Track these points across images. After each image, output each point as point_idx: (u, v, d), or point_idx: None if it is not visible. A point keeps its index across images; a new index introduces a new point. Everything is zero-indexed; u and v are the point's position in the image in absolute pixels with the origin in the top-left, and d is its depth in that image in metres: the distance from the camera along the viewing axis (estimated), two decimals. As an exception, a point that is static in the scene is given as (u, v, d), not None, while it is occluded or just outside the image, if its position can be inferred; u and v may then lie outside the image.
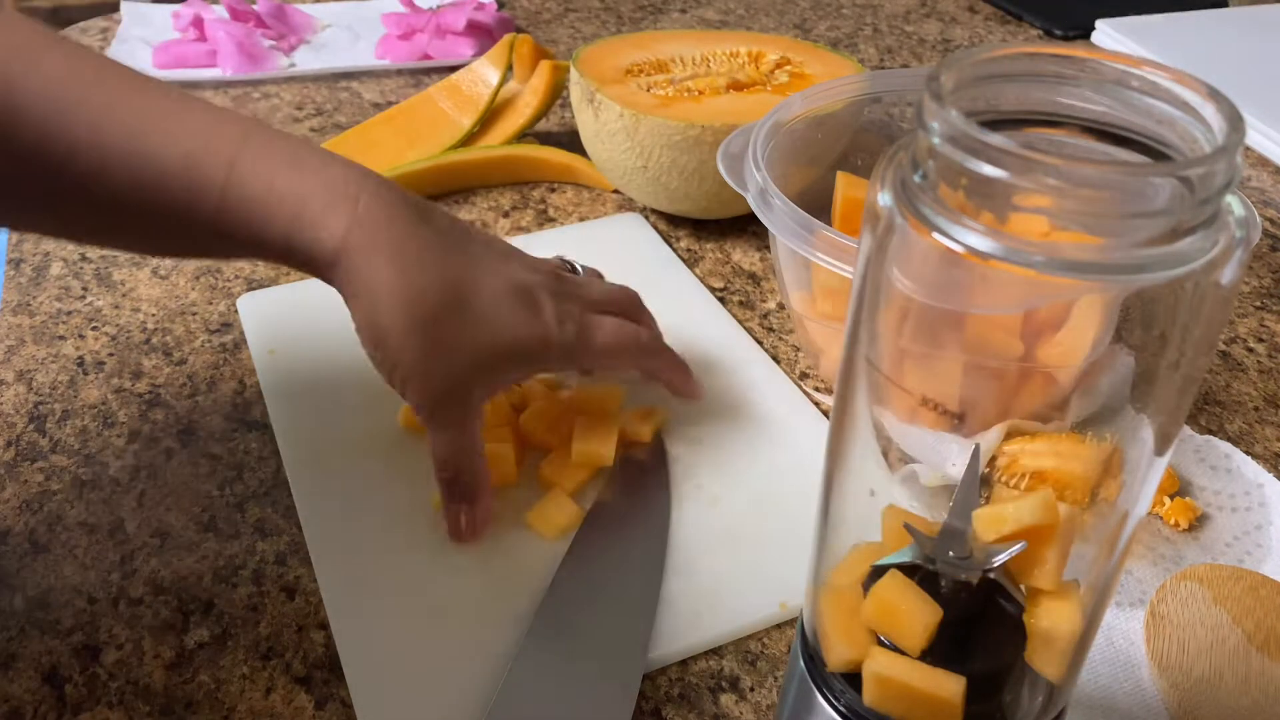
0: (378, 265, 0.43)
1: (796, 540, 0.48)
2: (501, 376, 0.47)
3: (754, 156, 0.53)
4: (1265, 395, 0.59)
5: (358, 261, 0.43)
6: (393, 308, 0.43)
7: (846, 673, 0.31)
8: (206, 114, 0.43)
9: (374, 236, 0.43)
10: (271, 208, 0.42)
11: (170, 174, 0.41)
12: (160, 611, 0.45)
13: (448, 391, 0.45)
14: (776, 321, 0.64)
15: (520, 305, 0.45)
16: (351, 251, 0.43)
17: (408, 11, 0.97)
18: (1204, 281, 0.24)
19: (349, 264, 0.43)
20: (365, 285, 0.43)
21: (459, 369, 0.44)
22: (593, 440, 0.50)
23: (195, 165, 0.41)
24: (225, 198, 0.42)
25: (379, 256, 0.43)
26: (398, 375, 0.45)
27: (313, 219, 0.42)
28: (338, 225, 0.43)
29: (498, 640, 0.43)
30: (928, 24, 1.08)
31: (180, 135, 0.42)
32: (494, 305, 0.45)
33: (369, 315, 0.44)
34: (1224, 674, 0.41)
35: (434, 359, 0.44)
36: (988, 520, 0.29)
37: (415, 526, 0.48)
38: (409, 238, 0.44)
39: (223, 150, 0.42)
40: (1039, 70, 0.26)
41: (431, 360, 0.44)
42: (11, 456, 0.52)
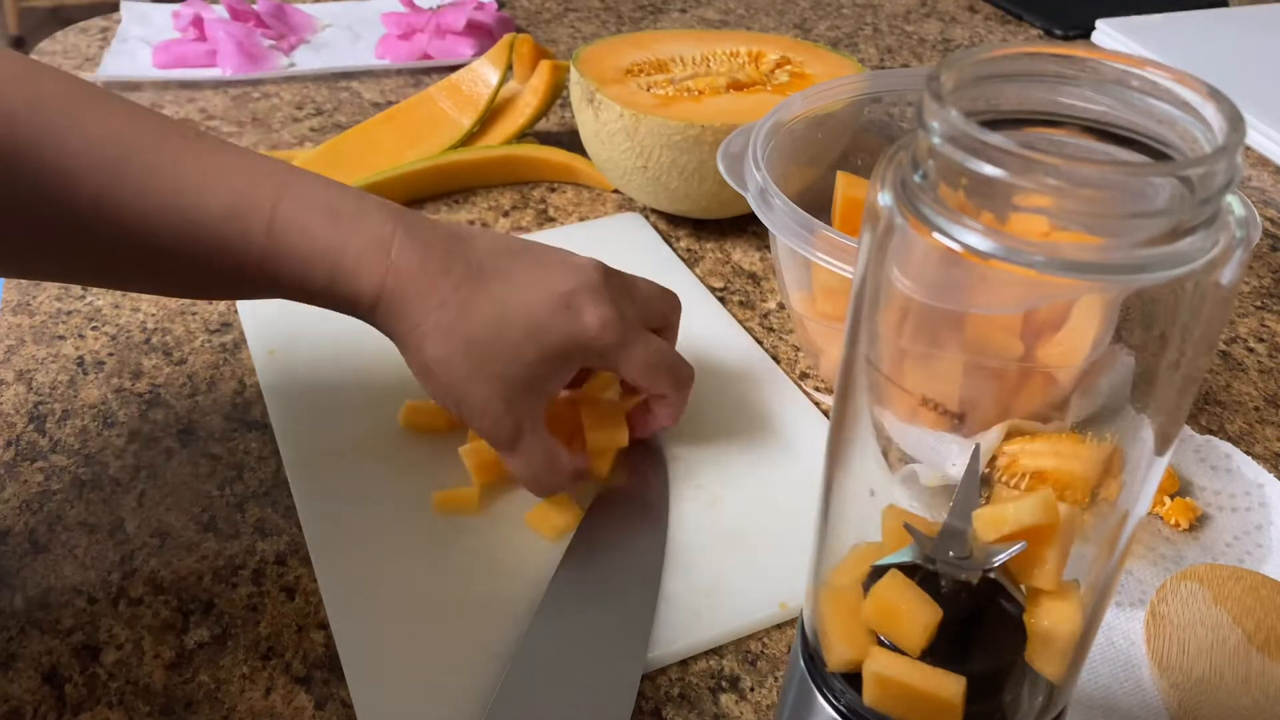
0: (415, 311, 0.44)
1: (796, 540, 0.48)
2: (554, 384, 0.47)
3: (754, 156, 0.53)
4: (1265, 395, 0.59)
5: (396, 307, 0.45)
6: (436, 347, 0.45)
7: (846, 673, 0.31)
8: (245, 164, 0.44)
9: (410, 282, 0.44)
10: (312, 260, 0.44)
11: (213, 228, 0.43)
12: (160, 611, 0.45)
13: (505, 413, 0.46)
14: (776, 321, 0.64)
15: (559, 311, 0.46)
16: (388, 299, 0.45)
17: (408, 11, 0.97)
18: (1204, 281, 0.24)
19: (390, 308, 0.45)
20: (408, 330, 0.45)
21: (509, 389, 0.45)
22: (606, 426, 0.50)
23: (238, 218, 0.43)
24: (266, 250, 0.43)
25: (415, 302, 0.44)
26: (460, 408, 0.46)
27: (350, 270, 0.44)
28: (373, 275, 0.44)
29: (498, 640, 0.43)
30: (928, 24, 1.08)
31: (221, 189, 0.43)
32: (535, 320, 0.45)
33: (416, 358, 0.46)
34: (1224, 674, 0.41)
35: (483, 384, 0.45)
36: (988, 520, 0.29)
37: (415, 526, 0.48)
38: (443, 276, 0.45)
39: (263, 203, 0.43)
40: (1039, 70, 0.26)
41: (481, 385, 0.45)
42: (11, 456, 0.52)
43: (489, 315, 0.45)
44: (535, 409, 0.46)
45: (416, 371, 0.46)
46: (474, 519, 0.49)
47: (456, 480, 0.50)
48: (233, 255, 0.43)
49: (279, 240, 0.43)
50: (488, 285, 0.46)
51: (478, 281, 0.46)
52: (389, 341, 0.50)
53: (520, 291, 0.46)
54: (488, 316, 0.45)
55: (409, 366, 0.46)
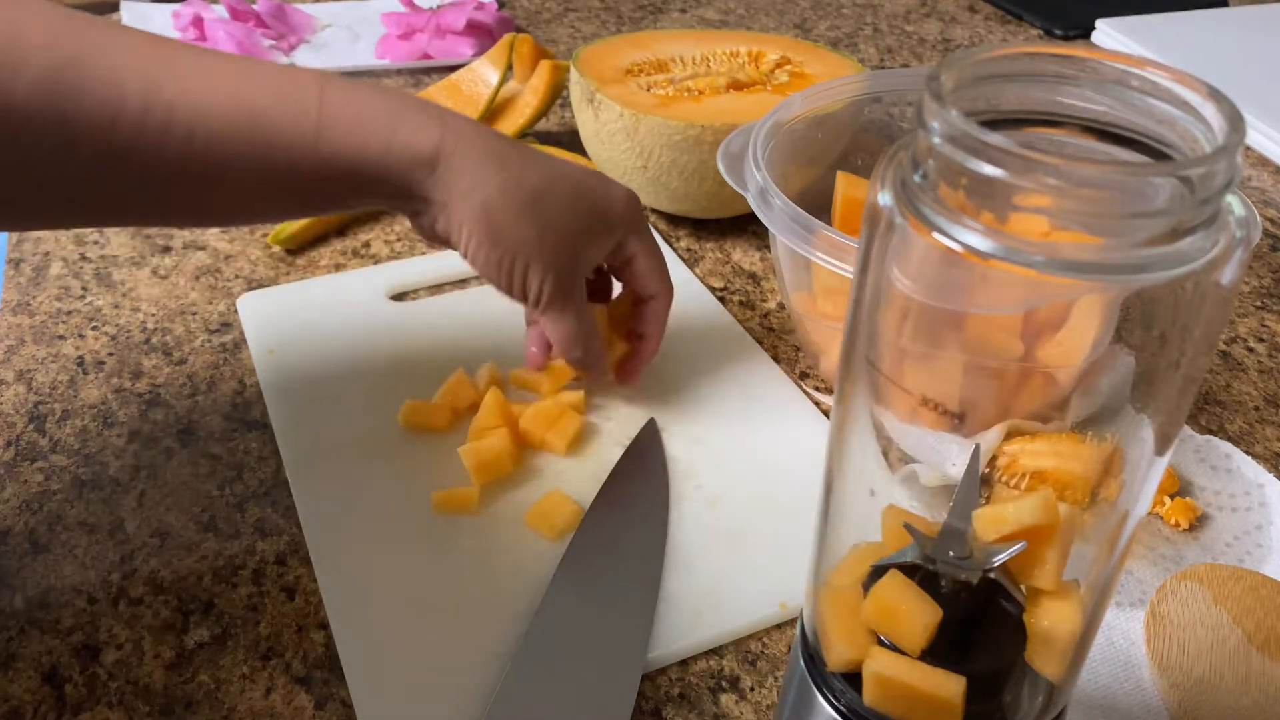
0: (478, 163, 0.46)
1: (796, 540, 0.48)
2: (599, 247, 0.50)
3: (754, 156, 0.53)
4: (1265, 395, 0.59)
5: (459, 160, 0.46)
6: (504, 196, 0.46)
7: (846, 673, 0.31)
8: (281, 66, 0.46)
9: (469, 140, 0.46)
10: (367, 128, 0.45)
11: (266, 111, 0.43)
12: (160, 611, 0.45)
13: (565, 267, 0.49)
14: (776, 321, 0.64)
15: (601, 181, 0.51)
16: (450, 154, 0.46)
17: (408, 11, 0.97)
18: (1204, 281, 0.24)
19: (450, 163, 0.46)
20: (471, 182, 0.46)
21: (568, 243, 0.48)
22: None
23: (287, 99, 0.44)
24: (321, 127, 0.44)
25: (478, 153, 0.46)
26: (519, 263, 0.48)
27: (408, 129, 0.45)
28: (433, 131, 0.46)
29: (498, 640, 0.43)
30: (928, 24, 1.08)
31: (266, 78, 0.44)
32: (581, 185, 0.49)
33: (481, 209, 0.46)
34: (1224, 674, 0.41)
35: (548, 236, 0.48)
36: (988, 520, 0.29)
37: (415, 526, 0.48)
38: (496, 139, 0.48)
39: (309, 89, 0.44)
40: (1039, 70, 0.26)
41: (546, 238, 0.48)
42: (11, 456, 0.52)
43: (545, 176, 0.48)
44: (582, 273, 0.50)
45: (479, 232, 0.47)
46: (474, 519, 0.49)
47: (456, 480, 0.50)
48: (287, 134, 0.43)
49: (333, 111, 0.44)
50: (534, 155, 0.49)
51: (524, 151, 0.49)
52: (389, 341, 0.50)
53: (565, 163, 0.50)
54: (544, 177, 0.48)
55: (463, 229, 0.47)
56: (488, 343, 0.59)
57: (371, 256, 0.68)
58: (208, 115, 0.42)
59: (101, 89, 0.40)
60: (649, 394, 0.56)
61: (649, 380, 0.57)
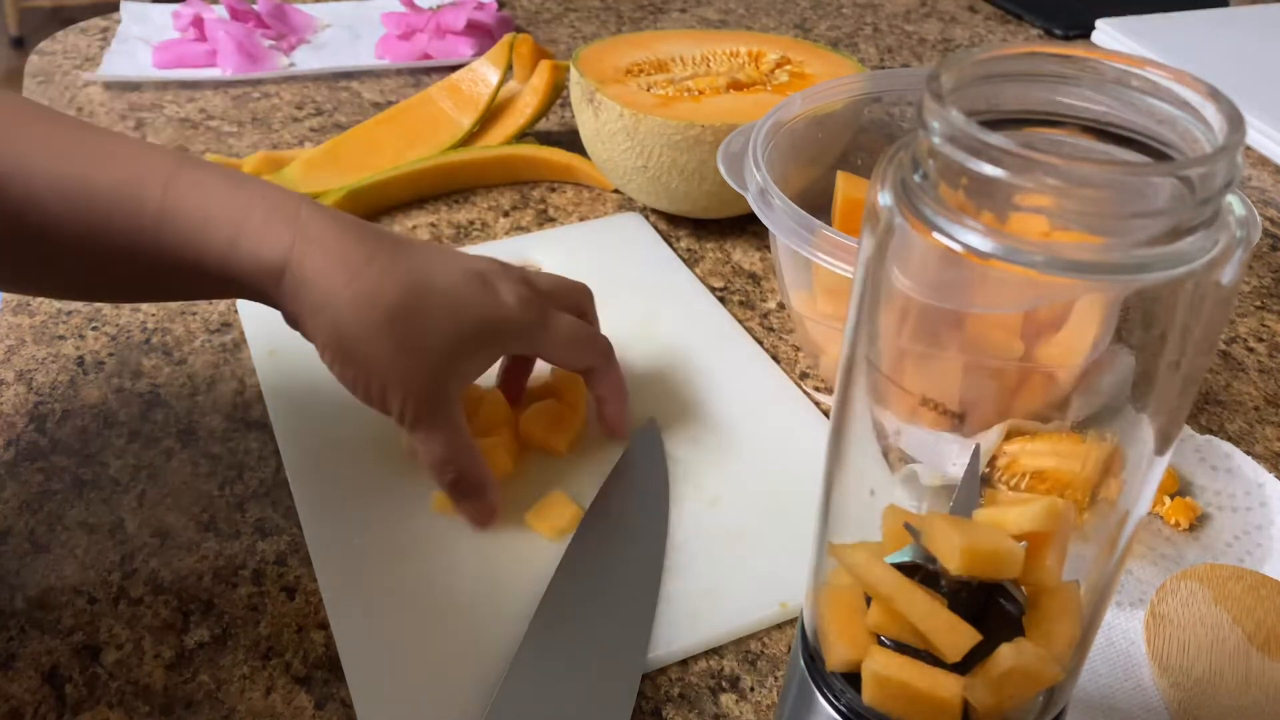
0: (329, 273, 0.42)
1: (796, 540, 0.47)
2: (472, 363, 0.46)
3: (754, 156, 0.53)
4: (1265, 395, 0.59)
5: (307, 273, 0.42)
6: (355, 312, 0.42)
7: (846, 672, 0.31)
8: (139, 145, 0.43)
9: (320, 246, 0.42)
10: (210, 227, 0.42)
11: (104, 200, 0.41)
12: (160, 611, 0.45)
13: (427, 389, 0.44)
14: (776, 321, 0.64)
15: (478, 288, 0.45)
16: (299, 264, 0.42)
17: (408, 11, 0.97)
18: (1204, 281, 0.24)
19: (298, 276, 0.42)
20: (321, 296, 0.42)
21: (433, 362, 0.44)
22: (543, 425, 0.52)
23: (129, 188, 0.41)
24: (161, 221, 0.41)
25: (329, 265, 0.42)
26: (375, 384, 0.44)
27: (254, 233, 0.42)
28: (281, 238, 0.42)
29: (498, 640, 0.43)
30: (928, 24, 1.08)
31: (113, 164, 0.41)
32: (452, 293, 0.44)
33: (330, 327, 0.43)
34: (1224, 674, 0.41)
35: (405, 357, 0.43)
36: (989, 522, 0.29)
37: (415, 526, 0.48)
38: (356, 243, 0.43)
39: (157, 175, 0.42)
40: (1039, 70, 0.26)
41: (403, 359, 0.43)
42: (11, 456, 0.52)
43: (409, 286, 0.43)
44: (453, 390, 0.45)
45: (330, 350, 0.43)
46: (474, 519, 0.49)
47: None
48: (124, 223, 0.41)
49: (175, 202, 0.41)
50: (403, 257, 0.44)
51: (393, 253, 0.44)
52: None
53: (437, 264, 0.45)
54: (410, 288, 0.43)
55: (317, 344, 0.44)
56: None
57: (371, 256, 0.68)
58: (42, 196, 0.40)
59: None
60: (649, 394, 0.56)
61: (649, 380, 0.57)
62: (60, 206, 0.40)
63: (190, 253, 0.42)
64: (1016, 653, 0.28)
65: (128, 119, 0.84)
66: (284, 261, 0.42)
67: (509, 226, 0.72)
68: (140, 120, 0.84)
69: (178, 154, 0.43)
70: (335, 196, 0.70)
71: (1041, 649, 0.28)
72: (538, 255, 0.67)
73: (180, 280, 0.44)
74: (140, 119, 0.84)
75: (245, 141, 0.82)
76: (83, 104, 0.86)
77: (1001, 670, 0.28)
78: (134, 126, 0.83)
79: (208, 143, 0.81)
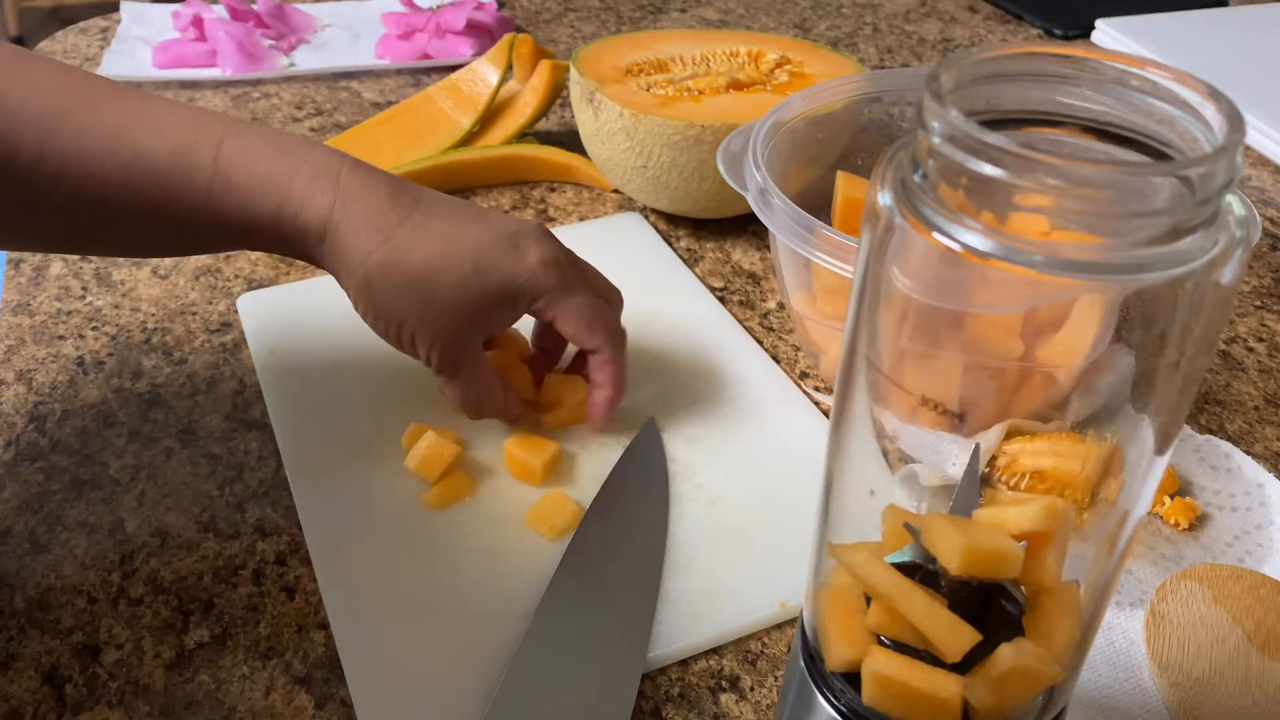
0: (364, 234, 0.45)
1: (796, 540, 0.48)
2: (493, 319, 0.49)
3: (754, 156, 0.53)
4: (1265, 395, 0.59)
5: (345, 235, 0.45)
6: (384, 272, 0.46)
7: (846, 672, 0.31)
8: (189, 112, 0.45)
9: (359, 206, 0.46)
10: (259, 190, 0.44)
11: (159, 166, 0.43)
12: (160, 611, 0.45)
13: (450, 340, 0.48)
14: (776, 321, 0.64)
15: (506, 249, 0.48)
16: (337, 226, 0.45)
17: (408, 11, 0.97)
18: (1204, 281, 0.24)
19: (337, 237, 0.46)
20: (356, 256, 0.46)
21: (455, 318, 0.47)
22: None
23: (182, 155, 0.44)
24: (214, 185, 0.44)
25: (365, 227, 0.46)
26: (405, 334, 0.47)
27: (299, 197, 0.45)
28: (322, 201, 0.45)
29: (498, 640, 0.43)
30: (928, 23, 1.08)
31: (166, 130, 0.44)
32: (478, 254, 0.47)
33: (364, 284, 0.46)
34: (1224, 674, 0.41)
35: (430, 312, 0.47)
36: (989, 522, 0.29)
37: (415, 527, 0.48)
38: (391, 206, 0.46)
39: (208, 141, 0.44)
40: (1039, 70, 0.26)
41: (428, 314, 0.47)
42: (11, 456, 0.52)
43: (436, 248, 0.46)
44: (475, 341, 0.49)
45: (362, 303, 0.47)
46: (474, 519, 0.49)
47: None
48: (179, 192, 0.43)
49: (226, 171, 0.44)
50: (434, 220, 0.47)
51: (425, 215, 0.47)
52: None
53: (467, 227, 0.48)
54: (435, 249, 0.46)
55: (351, 297, 0.48)
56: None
57: (371, 256, 0.68)
58: (100, 168, 0.42)
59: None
60: (649, 394, 0.56)
61: (649, 380, 0.57)
62: (118, 177, 0.43)
63: (241, 216, 0.45)
64: (1016, 653, 0.28)
65: (128, 119, 0.84)
66: (325, 224, 0.45)
67: (509, 226, 0.72)
68: (140, 120, 0.84)
69: (225, 118, 0.46)
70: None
71: (1041, 649, 0.28)
72: (538, 255, 0.67)
73: (230, 241, 0.47)
74: (140, 119, 0.84)
75: (245, 141, 0.82)
76: (83, 104, 0.86)
77: (1001, 670, 0.28)
78: (134, 126, 0.83)
79: (208, 143, 0.81)
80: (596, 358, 0.52)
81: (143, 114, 0.44)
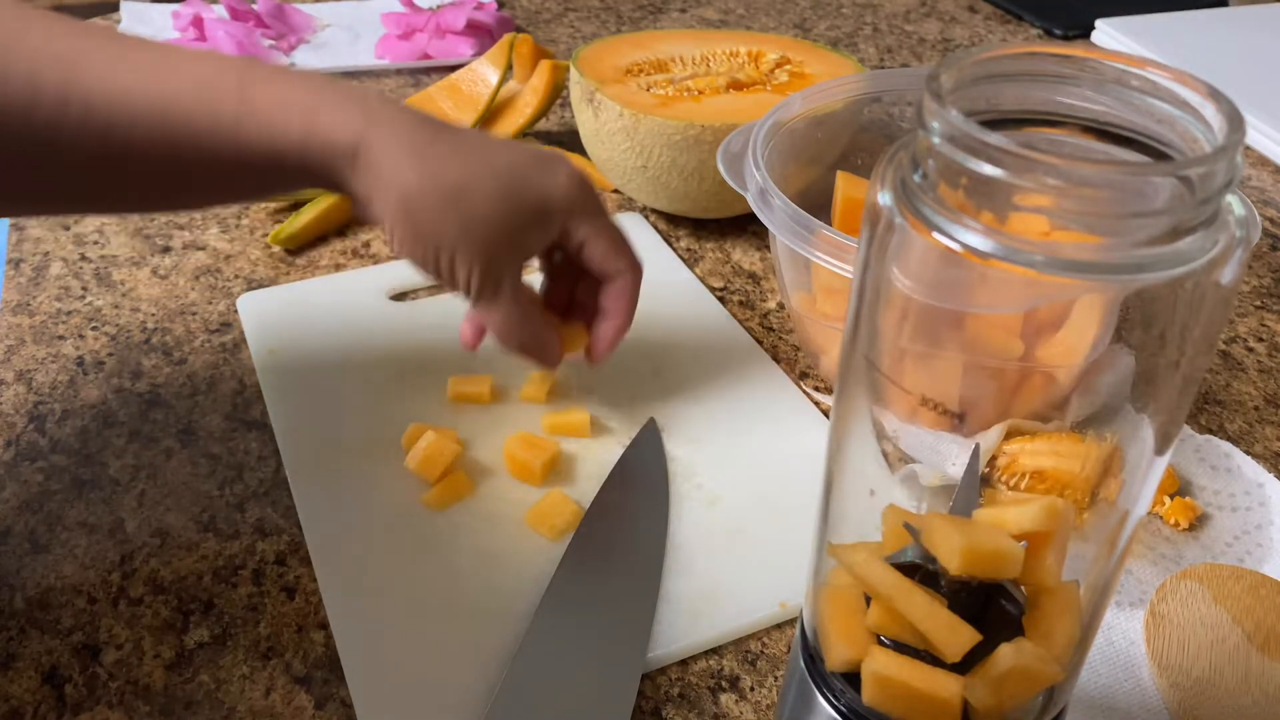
0: (399, 153, 0.44)
1: (796, 540, 0.48)
2: (535, 236, 0.48)
3: (754, 156, 0.53)
4: (1265, 395, 0.59)
5: (377, 154, 0.44)
6: (422, 191, 0.44)
7: (846, 672, 0.31)
8: (209, 53, 0.45)
9: (390, 128, 0.45)
10: (287, 114, 0.44)
11: (185, 99, 0.43)
12: (160, 611, 0.45)
13: (490, 262, 0.46)
14: (776, 321, 0.64)
15: (539, 167, 0.47)
16: (371, 144, 0.44)
17: (407, 11, 0.97)
18: (1204, 281, 0.24)
19: (370, 157, 0.44)
20: (392, 173, 0.44)
21: (494, 236, 0.46)
22: None
23: (208, 87, 0.43)
24: (240, 113, 0.43)
25: (398, 145, 0.44)
26: (444, 255, 0.46)
27: (328, 119, 0.44)
28: (353, 121, 0.44)
29: (498, 640, 0.43)
30: (928, 23, 1.08)
31: (190, 67, 0.44)
32: (512, 171, 0.46)
33: (399, 203, 0.45)
34: (1224, 673, 0.41)
35: (469, 231, 0.45)
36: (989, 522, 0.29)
37: (415, 526, 0.48)
38: (422, 125, 0.46)
39: (231, 74, 0.44)
40: (1039, 70, 0.26)
41: (471, 230, 0.45)
42: (11, 456, 0.52)
43: (473, 164, 0.46)
44: (516, 262, 0.48)
45: (400, 227, 0.46)
46: (474, 519, 0.49)
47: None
48: (204, 124, 0.43)
49: (251, 100, 0.43)
50: (467, 140, 0.47)
51: (456, 135, 0.46)
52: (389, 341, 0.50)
53: (498, 149, 0.47)
54: (472, 165, 0.45)
55: (385, 223, 0.46)
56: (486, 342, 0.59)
57: (371, 256, 0.68)
58: (127, 104, 0.42)
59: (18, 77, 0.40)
60: (649, 394, 0.56)
61: (649, 380, 0.57)
62: (146, 117, 0.42)
63: (269, 143, 0.44)
64: (1016, 653, 0.28)
65: (128, 119, 0.84)
66: (356, 144, 0.44)
67: (509, 226, 0.72)
68: (140, 120, 0.84)
69: (246, 57, 0.46)
70: (335, 197, 0.70)
71: (1041, 649, 0.28)
72: (538, 255, 0.67)
73: (258, 176, 0.46)
74: (140, 119, 0.84)
75: (245, 141, 0.82)
76: (83, 104, 0.86)
77: (1001, 670, 0.28)
78: (134, 126, 0.83)
79: (208, 143, 0.81)
80: (616, 283, 0.51)
81: (168, 54, 0.44)
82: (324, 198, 0.70)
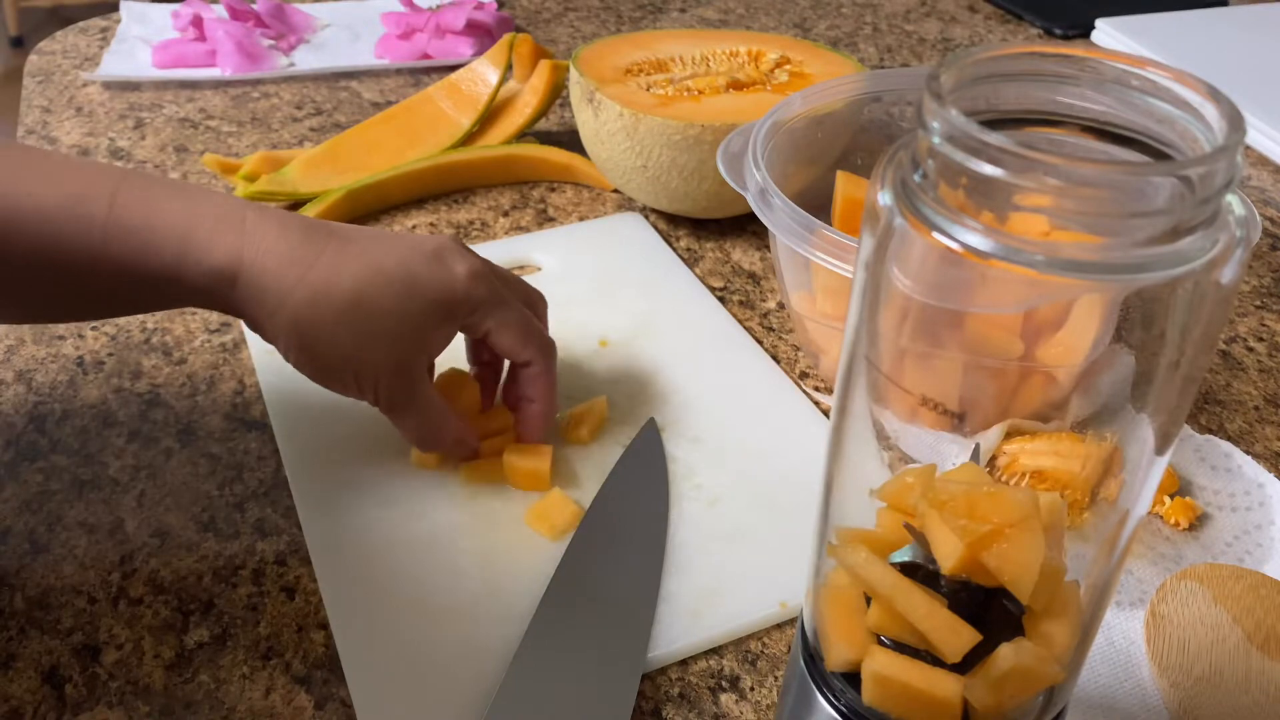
0: (282, 271, 0.43)
1: (796, 540, 0.48)
2: (433, 338, 0.47)
3: (754, 156, 0.53)
4: (1265, 395, 0.59)
5: (258, 275, 0.43)
6: (311, 308, 0.43)
7: (846, 672, 0.31)
8: (84, 163, 0.44)
9: (270, 245, 0.43)
10: (157, 235, 0.42)
11: (52, 214, 0.41)
12: (160, 611, 0.45)
13: (393, 372, 0.45)
14: (776, 321, 0.64)
15: (432, 264, 0.46)
16: (250, 266, 0.43)
17: (407, 11, 0.97)
18: (1204, 281, 0.24)
19: (250, 279, 0.43)
20: (278, 295, 0.43)
21: (394, 345, 0.45)
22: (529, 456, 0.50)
23: (77, 203, 0.42)
24: (109, 232, 0.42)
25: (279, 263, 0.43)
26: (348, 372, 0.45)
27: (203, 241, 0.43)
28: (231, 243, 0.43)
29: (498, 640, 0.43)
30: (928, 23, 1.08)
31: (60, 179, 0.42)
32: (404, 272, 0.45)
33: (290, 325, 0.43)
34: (1224, 673, 0.41)
35: (367, 344, 0.44)
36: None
37: (416, 527, 0.48)
38: (304, 241, 0.44)
39: (103, 188, 0.42)
40: (1039, 70, 0.26)
41: (373, 342, 0.44)
42: (11, 456, 0.52)
43: (363, 273, 0.44)
44: (422, 365, 0.47)
45: (294, 347, 0.44)
46: (474, 519, 0.49)
47: (458, 482, 0.50)
48: (72, 241, 0.41)
49: (121, 218, 0.42)
50: (353, 246, 0.45)
51: (342, 244, 0.44)
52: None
53: (387, 249, 0.45)
54: (362, 274, 0.44)
55: (279, 346, 0.45)
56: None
57: (371, 256, 0.68)
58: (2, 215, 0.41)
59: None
60: (649, 394, 0.56)
61: (649, 380, 0.57)
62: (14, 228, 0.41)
63: (140, 264, 0.42)
64: (1016, 653, 0.28)
65: (127, 119, 0.84)
66: (235, 267, 0.43)
67: (509, 226, 0.72)
68: (139, 120, 0.84)
69: (123, 169, 0.44)
70: (335, 196, 0.70)
71: (1041, 649, 0.28)
72: (537, 255, 0.68)
73: (134, 293, 0.44)
74: (140, 119, 0.84)
75: (245, 141, 0.82)
76: (82, 104, 0.86)
77: (1001, 670, 0.28)
78: (133, 126, 0.83)
79: (207, 143, 0.81)
80: (530, 370, 0.49)
81: (37, 163, 0.43)
82: (324, 197, 0.70)
